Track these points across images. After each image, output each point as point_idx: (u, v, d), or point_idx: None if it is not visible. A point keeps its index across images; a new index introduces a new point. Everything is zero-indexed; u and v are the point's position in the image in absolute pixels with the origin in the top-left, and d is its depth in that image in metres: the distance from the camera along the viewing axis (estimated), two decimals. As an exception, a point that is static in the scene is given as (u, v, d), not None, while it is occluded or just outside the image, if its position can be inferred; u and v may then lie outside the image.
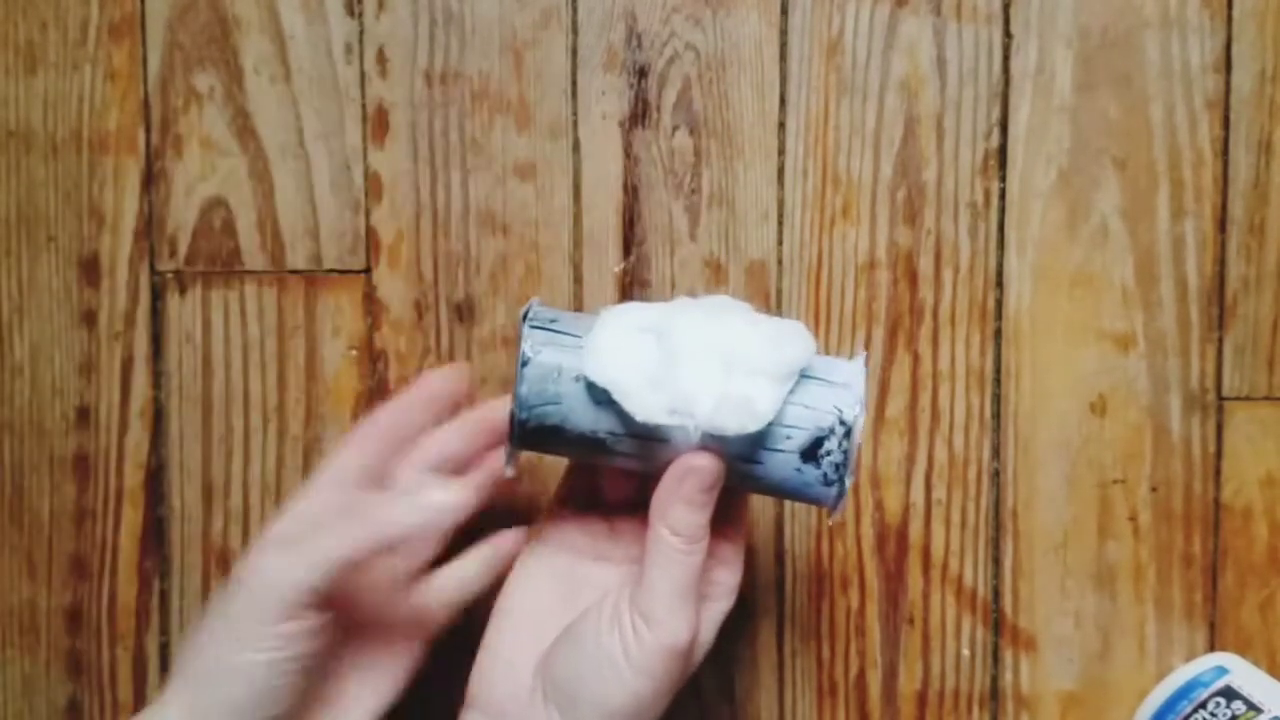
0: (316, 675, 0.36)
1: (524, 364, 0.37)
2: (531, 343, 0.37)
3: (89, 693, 0.51)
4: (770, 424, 0.36)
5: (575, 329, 0.38)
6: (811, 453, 0.37)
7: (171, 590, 0.51)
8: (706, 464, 0.36)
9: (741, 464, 0.37)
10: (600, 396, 0.36)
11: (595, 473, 0.41)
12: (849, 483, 0.37)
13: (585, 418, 0.37)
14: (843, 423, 0.37)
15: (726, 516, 0.39)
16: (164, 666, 0.50)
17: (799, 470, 0.37)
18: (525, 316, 0.38)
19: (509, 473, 0.39)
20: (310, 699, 0.37)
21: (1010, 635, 0.50)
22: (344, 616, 0.38)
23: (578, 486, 0.42)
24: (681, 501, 0.36)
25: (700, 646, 0.38)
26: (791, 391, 0.37)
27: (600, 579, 0.40)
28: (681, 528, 0.36)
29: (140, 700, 0.51)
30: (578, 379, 0.37)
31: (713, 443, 0.36)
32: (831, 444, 0.37)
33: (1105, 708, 0.50)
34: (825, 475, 0.37)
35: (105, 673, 0.51)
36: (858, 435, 0.37)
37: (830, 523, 0.50)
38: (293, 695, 0.35)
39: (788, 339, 0.37)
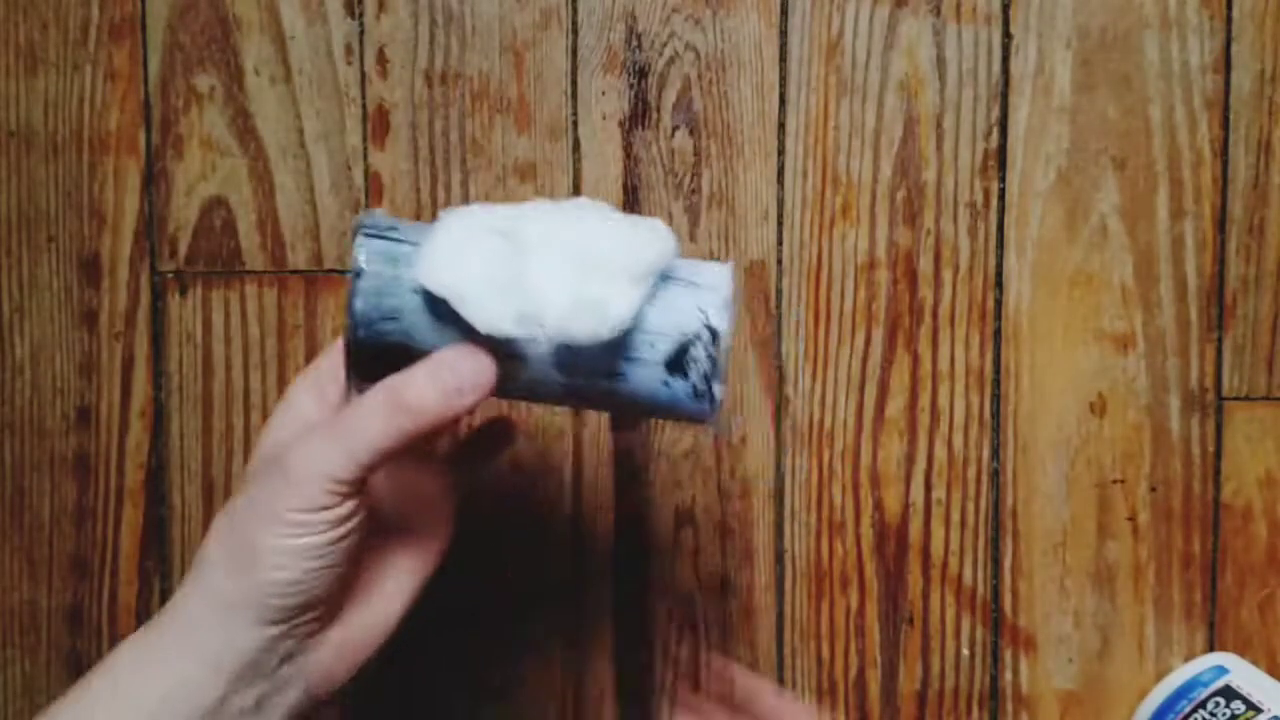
0: (353, 560, 0.35)
1: (357, 275, 0.33)
2: (366, 252, 0.33)
3: (89, 692, 0.51)
4: (630, 331, 0.33)
5: (416, 237, 0.34)
6: (677, 362, 0.34)
7: (172, 589, 0.51)
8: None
9: (602, 380, 0.34)
10: (442, 309, 0.33)
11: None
12: (720, 394, 0.35)
13: (428, 334, 0.34)
14: (709, 327, 0.34)
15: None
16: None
17: (666, 384, 0.34)
18: (359, 227, 0.34)
19: (350, 395, 0.35)
20: (347, 583, 0.36)
21: (1010, 635, 0.50)
22: (376, 498, 0.37)
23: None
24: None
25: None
26: (652, 296, 0.34)
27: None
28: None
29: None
30: (416, 290, 0.33)
31: (567, 355, 0.33)
32: (698, 351, 0.34)
33: (1105, 707, 0.50)
34: (695, 387, 0.34)
35: (106, 672, 0.51)
36: (726, 340, 0.34)
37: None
38: (331, 579, 0.34)
39: (645, 236, 0.34)
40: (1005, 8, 0.49)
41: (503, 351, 0.33)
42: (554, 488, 0.50)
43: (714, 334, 0.34)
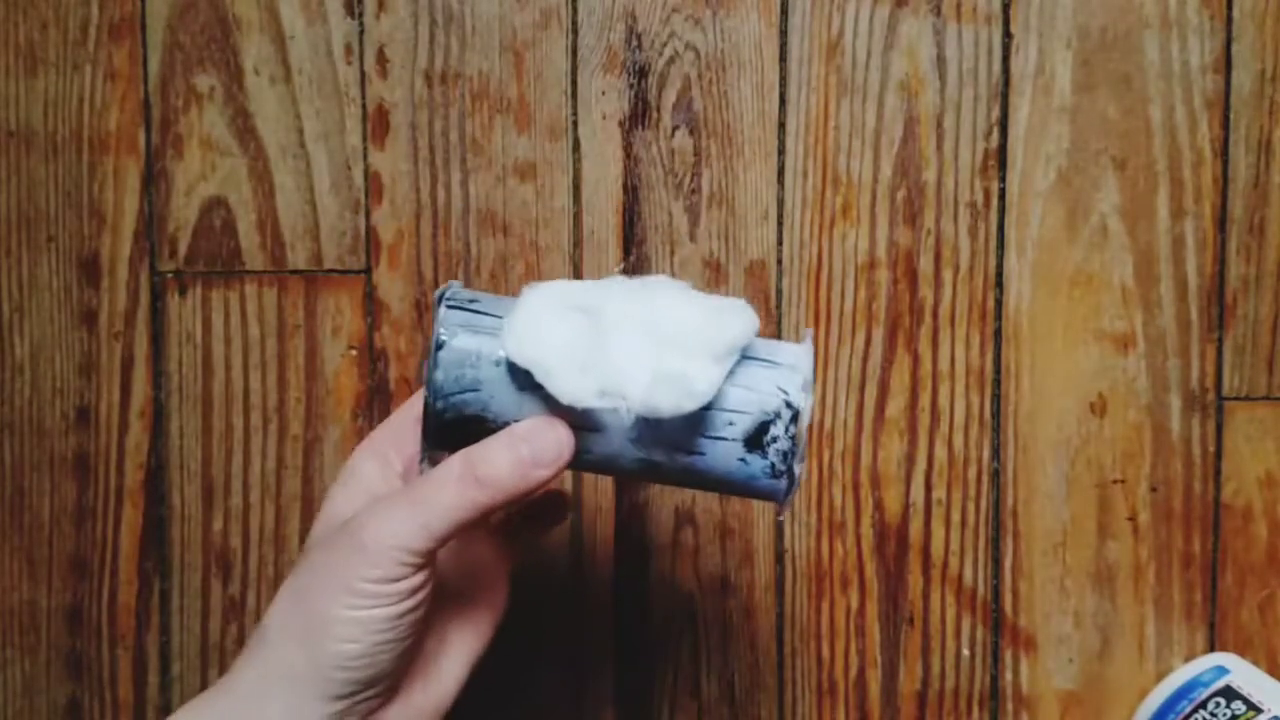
0: (418, 634, 0.35)
1: (438, 347, 0.34)
2: (447, 324, 0.34)
3: (89, 693, 0.51)
4: (710, 408, 0.33)
5: (497, 309, 0.35)
6: (756, 440, 0.34)
7: (172, 590, 0.51)
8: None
9: (680, 456, 0.34)
10: (524, 381, 0.33)
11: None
12: (799, 473, 0.35)
13: (509, 405, 0.34)
14: (789, 405, 0.34)
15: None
16: (164, 666, 0.51)
17: (743, 460, 0.34)
18: (441, 298, 0.35)
19: (425, 470, 0.35)
20: (409, 659, 0.35)
21: (1010, 635, 0.50)
22: (442, 567, 0.37)
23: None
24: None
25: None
26: (732, 373, 0.34)
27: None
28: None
29: (141, 700, 0.51)
30: (498, 363, 0.34)
31: (647, 429, 0.33)
32: (778, 429, 0.34)
33: (1105, 707, 0.50)
34: (773, 465, 0.34)
35: (105, 672, 0.51)
36: (806, 418, 0.34)
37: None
38: (399, 653, 0.34)
39: (727, 315, 0.34)
40: (1005, 8, 0.49)
41: (581, 424, 0.34)
42: (555, 487, 0.50)
43: (794, 413, 0.34)
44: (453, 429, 0.34)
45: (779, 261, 0.50)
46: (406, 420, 0.39)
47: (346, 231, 0.50)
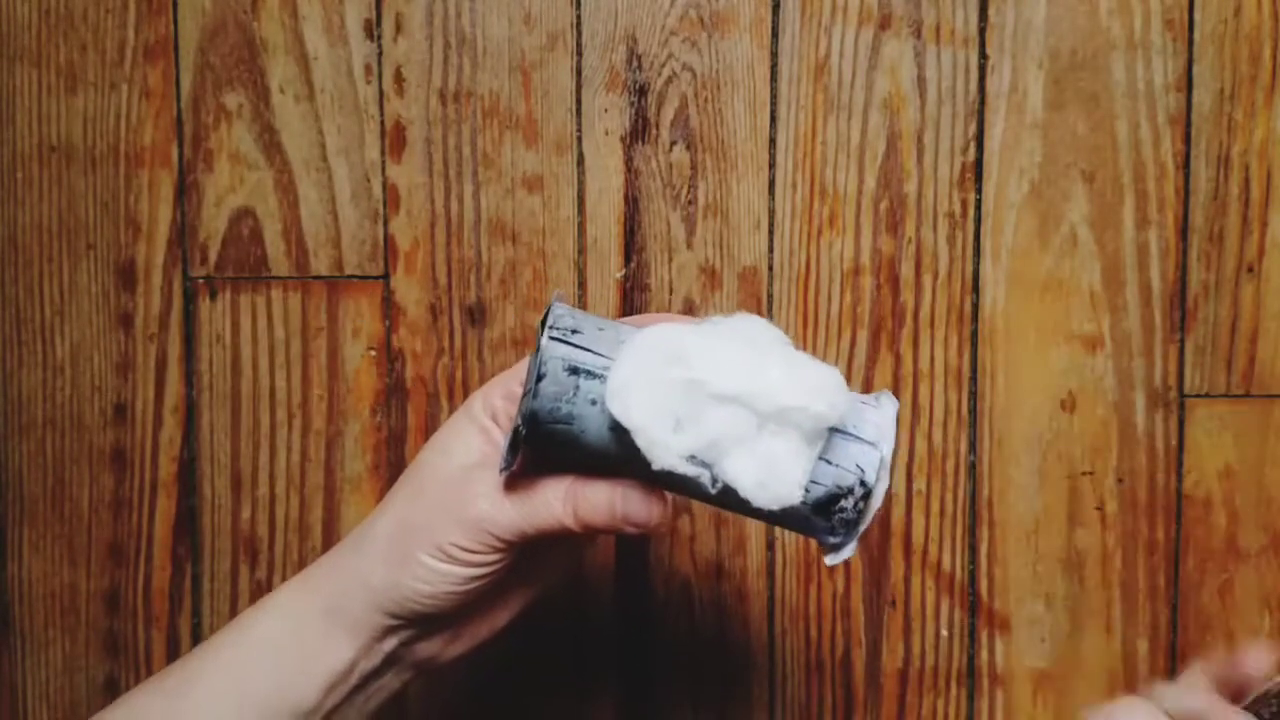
0: (486, 590, 0.39)
1: (539, 379, 0.34)
2: (549, 356, 0.34)
3: (126, 670, 0.54)
4: None
5: (599, 345, 0.35)
6: (825, 508, 0.35)
7: (203, 574, 0.54)
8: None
9: (752, 510, 0.35)
10: (618, 428, 0.34)
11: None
12: (855, 543, 0.36)
13: (598, 441, 0.35)
14: (863, 484, 0.35)
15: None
16: (196, 645, 0.54)
17: (808, 520, 0.35)
18: (545, 323, 0.35)
19: (503, 474, 0.37)
20: (473, 605, 0.40)
21: (986, 616, 0.54)
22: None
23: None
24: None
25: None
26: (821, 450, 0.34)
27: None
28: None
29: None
30: (595, 403, 0.34)
31: (730, 493, 0.34)
32: (847, 503, 0.35)
33: (1074, 683, 0.54)
34: (833, 528, 0.35)
35: (141, 652, 0.54)
36: (878, 499, 0.35)
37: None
38: (459, 603, 0.38)
39: (826, 394, 0.34)
40: (981, 31, 0.53)
41: (666, 476, 0.35)
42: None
43: (866, 492, 0.35)
44: (540, 449, 0.36)
45: (770, 268, 0.53)
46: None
47: (366, 240, 0.53)
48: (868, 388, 0.53)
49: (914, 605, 0.54)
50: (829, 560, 0.36)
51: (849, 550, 0.36)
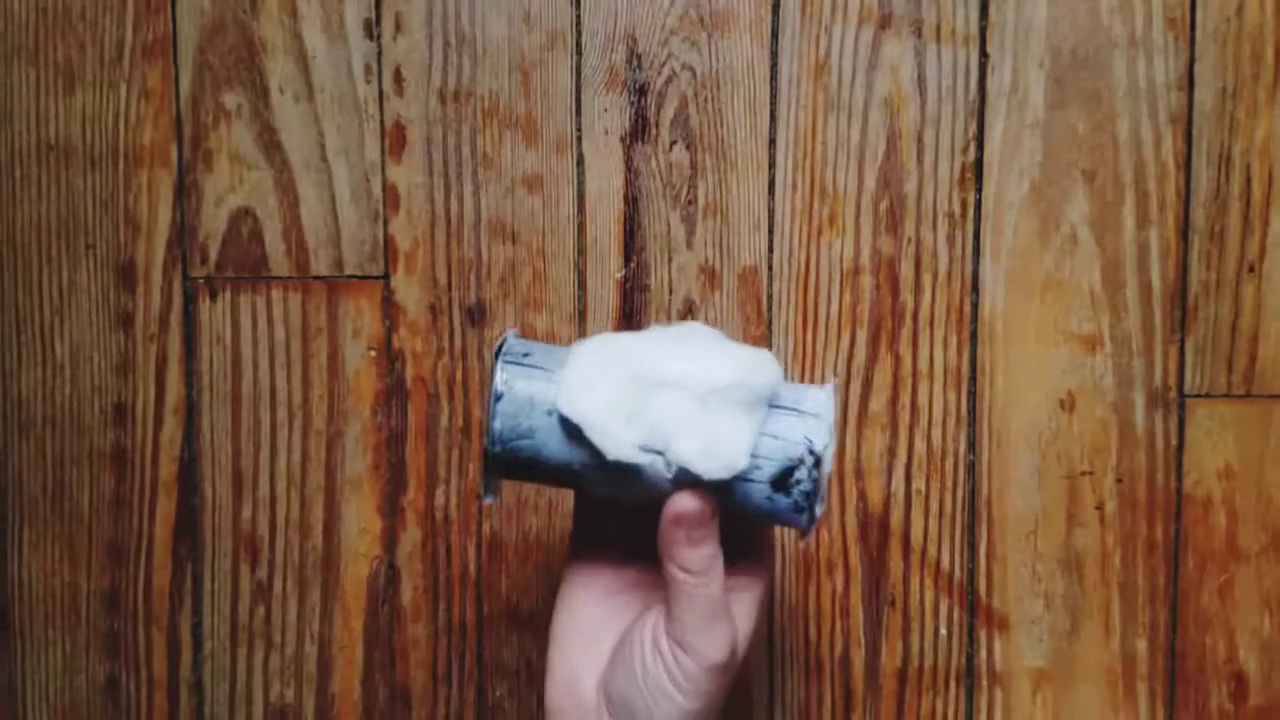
0: None
1: (497, 399, 0.38)
2: (505, 377, 0.38)
3: (126, 670, 0.54)
4: None
5: (548, 363, 0.38)
6: (782, 483, 0.37)
7: (203, 574, 0.54)
8: (694, 506, 0.37)
9: (712, 492, 0.38)
10: (573, 430, 0.37)
11: (599, 513, 0.42)
12: (820, 510, 0.38)
13: (559, 450, 0.38)
14: (812, 452, 0.37)
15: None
16: (196, 645, 0.54)
17: (770, 499, 0.37)
18: (499, 352, 0.39)
19: (488, 501, 0.40)
20: None
21: (984, 616, 0.54)
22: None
23: (587, 527, 0.43)
24: (681, 544, 0.37)
25: (743, 640, 0.39)
26: (761, 423, 0.37)
27: (636, 598, 0.41)
28: (690, 564, 0.37)
29: (174, 677, 0.54)
30: (550, 413, 0.37)
31: (686, 475, 0.37)
32: (802, 474, 0.37)
33: (1073, 683, 0.54)
34: (796, 503, 0.37)
35: (141, 651, 0.54)
36: (828, 464, 0.38)
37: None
38: None
39: (757, 369, 0.37)
40: (982, 30, 0.53)
41: (628, 469, 0.37)
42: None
43: (817, 459, 0.37)
44: (509, 468, 0.39)
45: (770, 268, 0.53)
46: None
47: (366, 240, 0.53)
48: (868, 388, 0.53)
49: (913, 605, 0.54)
50: (805, 537, 0.39)
51: (815, 520, 0.38)
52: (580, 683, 0.39)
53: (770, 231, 0.53)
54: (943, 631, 0.54)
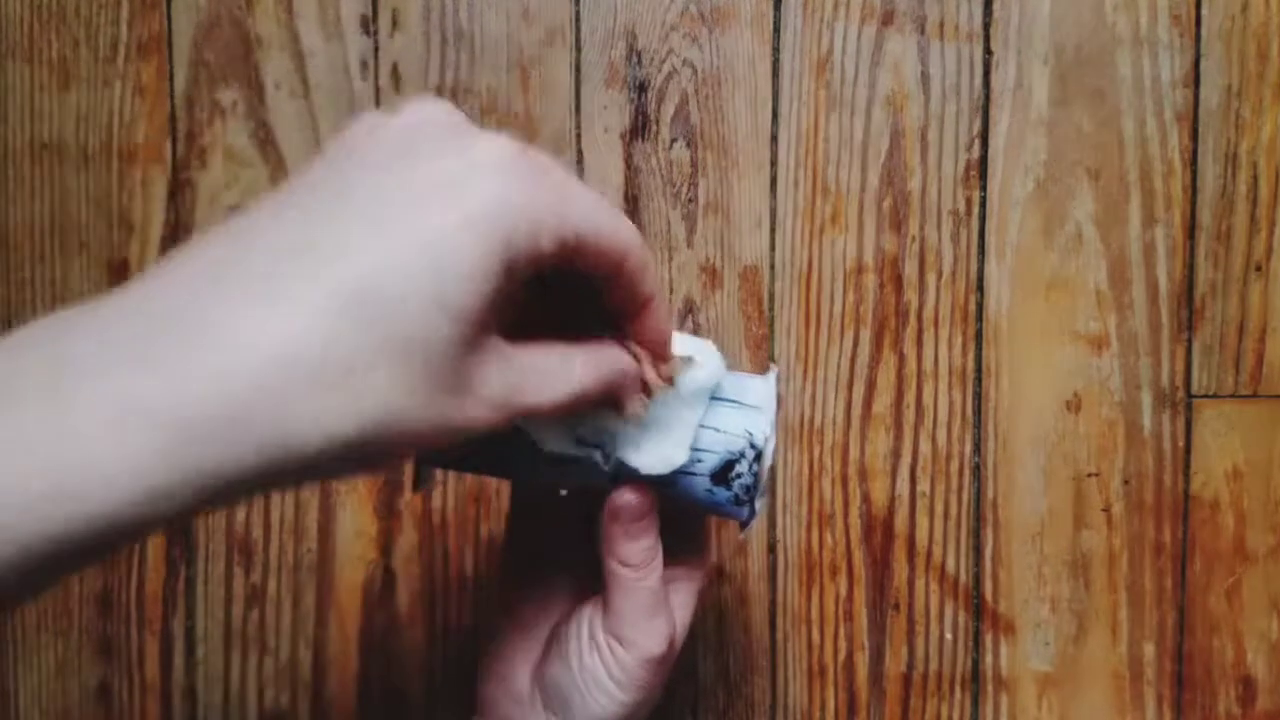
0: None
1: None
2: None
3: (118, 674, 0.54)
4: None
5: None
6: (722, 476, 0.37)
7: (196, 577, 0.53)
8: (632, 501, 0.36)
9: (652, 485, 0.37)
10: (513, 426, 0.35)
11: (536, 502, 0.42)
12: (760, 504, 0.38)
13: (494, 441, 0.35)
14: (753, 446, 0.37)
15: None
16: (189, 649, 0.53)
17: (710, 491, 0.37)
18: None
19: (420, 490, 0.38)
20: None
21: (990, 620, 0.53)
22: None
23: (523, 516, 0.42)
24: (620, 537, 0.36)
25: (681, 631, 0.39)
26: (703, 415, 0.36)
27: (571, 587, 0.41)
28: (629, 558, 0.36)
29: (167, 681, 0.53)
30: None
31: (624, 468, 0.36)
32: (742, 467, 0.37)
33: (1080, 687, 0.53)
34: (736, 496, 0.37)
35: (134, 655, 0.53)
36: (769, 458, 0.37)
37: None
38: None
39: (697, 362, 0.36)
40: (986, 26, 0.52)
41: (565, 461, 0.36)
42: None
43: (758, 453, 0.37)
44: (442, 457, 0.38)
45: (771, 266, 0.53)
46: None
47: (362, 238, 0.53)
48: (871, 388, 0.53)
49: (917, 608, 0.53)
50: (744, 530, 0.38)
51: (755, 514, 0.37)
52: (511, 676, 0.39)
53: (772, 230, 0.53)
54: (947, 635, 0.53)
